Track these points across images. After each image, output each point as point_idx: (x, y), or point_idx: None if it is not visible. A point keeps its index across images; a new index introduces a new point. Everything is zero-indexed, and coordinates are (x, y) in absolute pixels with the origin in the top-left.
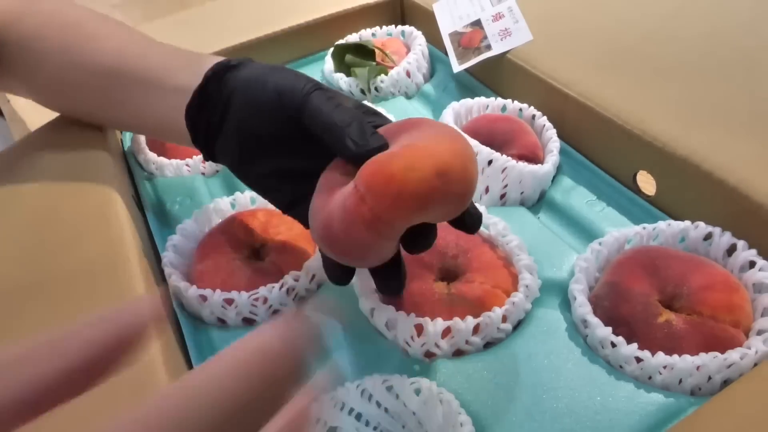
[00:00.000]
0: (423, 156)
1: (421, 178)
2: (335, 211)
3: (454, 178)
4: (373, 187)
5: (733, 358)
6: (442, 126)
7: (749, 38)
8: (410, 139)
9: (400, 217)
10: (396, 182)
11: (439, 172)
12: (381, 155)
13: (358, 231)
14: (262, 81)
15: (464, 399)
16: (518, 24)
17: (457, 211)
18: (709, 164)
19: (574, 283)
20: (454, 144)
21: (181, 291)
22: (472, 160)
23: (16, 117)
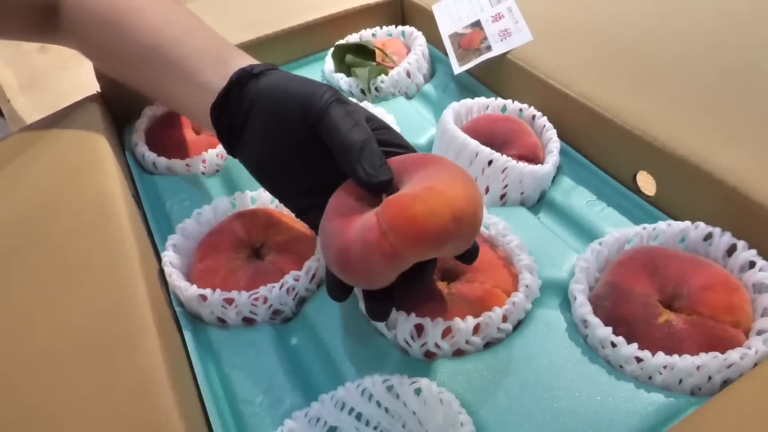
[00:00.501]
0: (442, 202)
1: (439, 223)
2: (355, 241)
3: (467, 222)
4: (396, 227)
5: (733, 358)
6: (455, 168)
7: (749, 38)
8: (427, 180)
9: (416, 255)
10: (417, 225)
11: (455, 217)
12: (405, 196)
13: (376, 262)
14: (282, 91)
15: (464, 399)
16: (518, 24)
17: (465, 249)
18: (709, 164)
19: (575, 283)
20: (468, 190)
21: (181, 290)
22: (481, 205)
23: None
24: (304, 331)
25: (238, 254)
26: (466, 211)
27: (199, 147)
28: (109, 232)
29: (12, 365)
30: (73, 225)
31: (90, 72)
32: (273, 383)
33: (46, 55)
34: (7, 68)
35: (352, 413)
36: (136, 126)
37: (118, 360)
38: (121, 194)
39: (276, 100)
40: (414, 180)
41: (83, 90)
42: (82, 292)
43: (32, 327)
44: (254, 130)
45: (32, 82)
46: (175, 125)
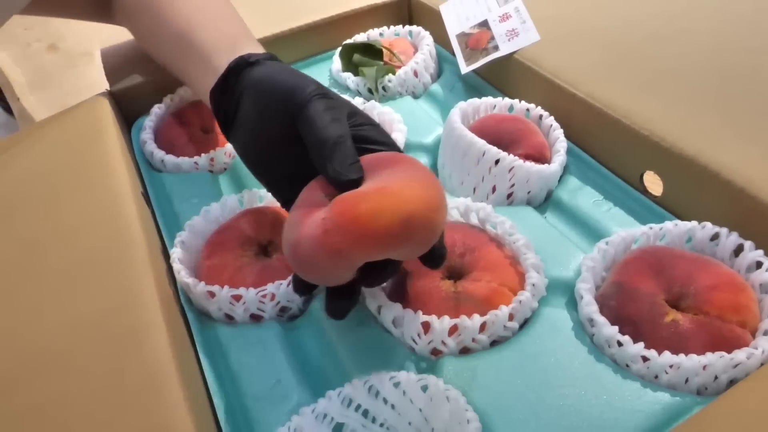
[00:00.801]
0: (390, 203)
1: (384, 225)
2: (304, 235)
3: (418, 227)
4: (339, 225)
5: (739, 357)
6: (419, 170)
7: (756, 38)
8: (385, 180)
9: (358, 256)
10: (360, 224)
11: (403, 221)
12: (353, 194)
13: (321, 259)
14: (269, 82)
15: (470, 396)
16: (525, 24)
17: (418, 255)
18: (716, 165)
19: (581, 282)
20: (426, 192)
21: (190, 287)
22: (438, 209)
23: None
24: (311, 327)
25: (245, 251)
26: (420, 215)
27: (208, 145)
28: (118, 229)
29: (21, 360)
30: (83, 222)
31: (99, 70)
32: (280, 379)
33: (55, 53)
34: (16, 67)
35: (359, 410)
36: (145, 124)
37: (127, 356)
38: (130, 192)
39: (263, 90)
40: (375, 179)
41: (92, 88)
42: (90, 288)
43: (41, 322)
44: (243, 117)
45: (41, 81)
46: (183, 123)
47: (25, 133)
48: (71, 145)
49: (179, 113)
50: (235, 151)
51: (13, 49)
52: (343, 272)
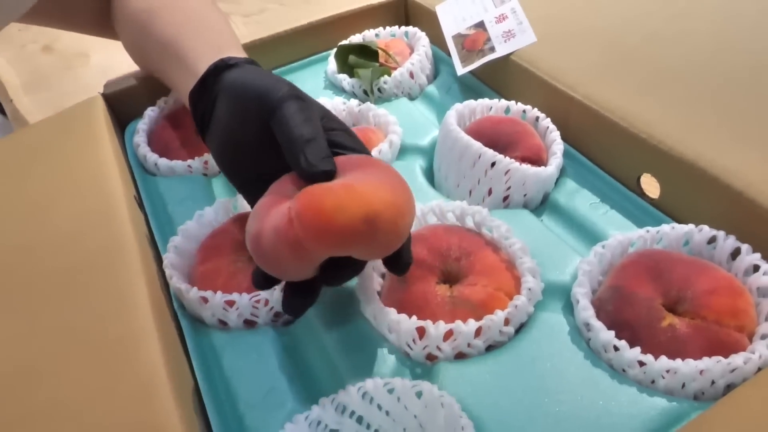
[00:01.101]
0: (355, 200)
1: (347, 221)
2: (268, 225)
3: (382, 227)
4: (302, 217)
5: (736, 362)
6: (390, 175)
7: (755, 41)
8: (354, 179)
9: (320, 249)
10: (323, 218)
11: (367, 219)
12: (319, 187)
13: (282, 251)
14: (243, 85)
15: (466, 402)
16: (522, 25)
17: (380, 256)
18: (713, 167)
19: (577, 286)
20: (392, 194)
21: (183, 292)
22: (405, 213)
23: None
24: (305, 333)
25: (239, 256)
26: (384, 216)
27: (201, 148)
28: (110, 233)
29: (14, 366)
30: (75, 226)
31: (93, 72)
32: (274, 386)
33: (50, 55)
34: (10, 68)
35: (353, 416)
36: (138, 127)
37: (119, 362)
38: (123, 195)
39: (237, 92)
40: (345, 177)
41: (86, 90)
42: (82, 293)
43: (33, 329)
44: (217, 118)
45: (36, 82)
46: (177, 126)
47: (17, 136)
48: (64, 148)
49: (173, 116)
50: None
51: (7, 51)
52: (304, 266)
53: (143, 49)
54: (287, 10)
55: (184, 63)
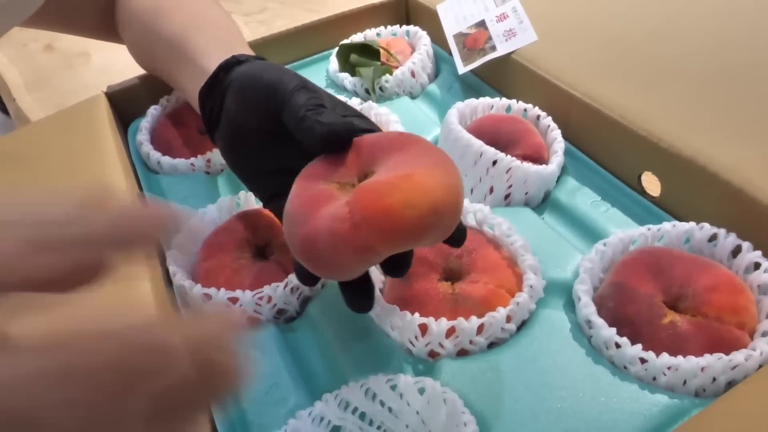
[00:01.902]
0: (421, 193)
1: (418, 216)
2: (322, 230)
3: (447, 213)
4: (371, 220)
5: (737, 359)
6: (435, 153)
7: (755, 38)
8: (405, 166)
9: (391, 249)
10: (394, 218)
11: (435, 209)
12: (378, 184)
13: (346, 255)
14: (254, 77)
15: (468, 399)
16: (523, 24)
17: (442, 239)
18: (714, 165)
19: (579, 283)
20: (449, 178)
21: (186, 289)
22: (461, 193)
23: (22, 115)
24: (308, 330)
25: (242, 254)
26: (447, 201)
27: (204, 146)
28: None
29: None
30: None
31: (94, 71)
32: (277, 382)
33: (52, 54)
34: (13, 67)
35: (355, 413)
36: (141, 125)
37: None
38: (126, 193)
39: (247, 85)
40: (389, 165)
41: (88, 89)
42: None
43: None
44: (227, 113)
45: (38, 81)
46: (179, 124)
47: (20, 134)
48: (67, 146)
49: (175, 114)
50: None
51: (9, 49)
52: (366, 267)
53: (148, 49)
54: (288, 10)
55: (192, 60)
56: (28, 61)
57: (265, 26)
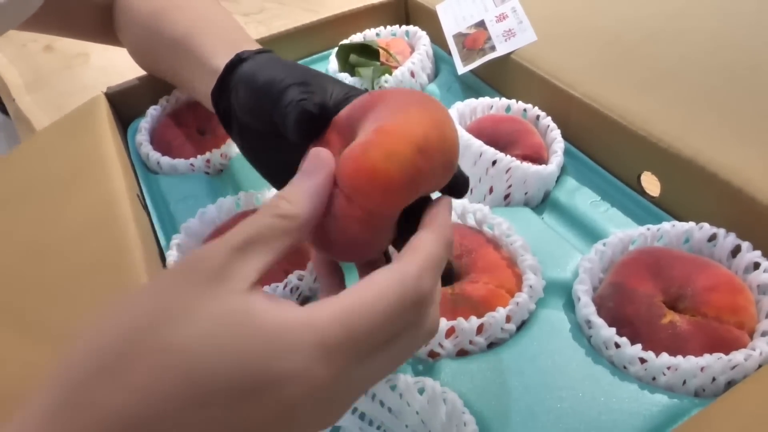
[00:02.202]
0: (398, 138)
1: (403, 162)
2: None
3: (436, 148)
4: (358, 186)
5: (737, 359)
6: (409, 95)
7: (755, 38)
8: (378, 120)
9: (392, 207)
10: (380, 175)
11: (420, 149)
12: (352, 149)
13: (353, 230)
14: (251, 78)
15: (468, 399)
16: (522, 24)
17: (447, 180)
18: (713, 165)
19: (579, 283)
20: (426, 111)
21: None
22: (447, 123)
23: (21, 115)
24: None
25: None
26: (431, 135)
27: (204, 146)
28: (114, 233)
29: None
30: (81, 228)
31: (93, 71)
32: None
33: (51, 54)
34: (12, 67)
35: (355, 413)
36: (141, 125)
37: None
38: (126, 195)
39: (245, 87)
40: (365, 127)
41: (87, 89)
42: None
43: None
44: (238, 113)
45: (37, 81)
46: (179, 125)
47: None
48: (70, 151)
49: (175, 114)
50: (230, 153)
51: (9, 50)
52: (382, 233)
53: (151, 51)
54: (287, 10)
55: (200, 61)
56: (27, 61)
57: (264, 26)
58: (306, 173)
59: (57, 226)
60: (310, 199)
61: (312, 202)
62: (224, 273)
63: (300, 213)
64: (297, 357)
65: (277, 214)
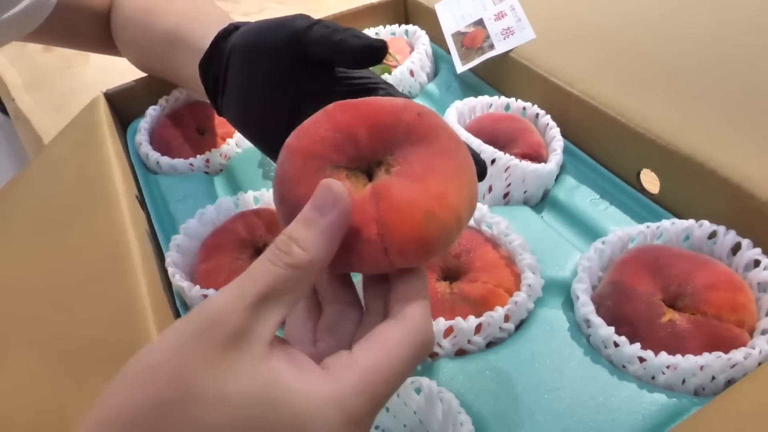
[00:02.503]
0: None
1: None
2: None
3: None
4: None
5: (736, 358)
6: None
7: (753, 35)
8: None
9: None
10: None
11: (460, 225)
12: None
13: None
14: (258, 28)
15: (466, 398)
16: (521, 22)
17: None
18: (713, 162)
19: (577, 282)
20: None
21: (185, 290)
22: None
23: (21, 115)
24: None
25: (241, 254)
26: (470, 211)
27: (203, 146)
28: (113, 234)
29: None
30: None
31: (93, 71)
32: None
33: (51, 54)
34: (12, 67)
35: None
36: (140, 126)
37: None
38: (125, 195)
39: (250, 39)
40: (412, 164)
41: (87, 88)
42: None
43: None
44: (232, 76)
45: (37, 81)
46: (178, 125)
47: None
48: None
49: (174, 115)
50: (230, 153)
51: (8, 50)
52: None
53: (144, 46)
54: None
55: (190, 44)
56: (27, 61)
57: None
58: (318, 209)
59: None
60: (324, 243)
61: (326, 246)
62: (243, 336)
63: (313, 259)
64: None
65: (290, 264)
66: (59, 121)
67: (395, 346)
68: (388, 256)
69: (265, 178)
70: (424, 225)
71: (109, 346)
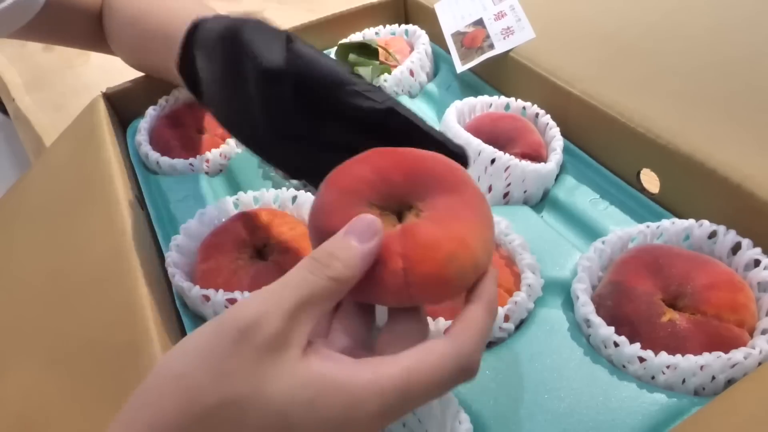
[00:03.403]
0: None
1: (464, 277)
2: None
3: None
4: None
5: (737, 357)
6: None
7: (753, 34)
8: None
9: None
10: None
11: (476, 271)
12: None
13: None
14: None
15: (466, 398)
16: (520, 22)
17: None
18: (713, 162)
19: (577, 282)
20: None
21: (185, 291)
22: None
23: (21, 115)
24: None
25: (240, 254)
26: (487, 259)
27: (203, 146)
28: (113, 235)
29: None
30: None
31: (93, 71)
32: None
33: (51, 54)
34: (12, 67)
35: None
36: (140, 126)
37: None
38: (125, 195)
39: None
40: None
41: (87, 88)
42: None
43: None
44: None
45: (37, 81)
46: (178, 125)
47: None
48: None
49: (174, 115)
50: (230, 153)
51: (8, 49)
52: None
53: (135, 44)
54: (287, 9)
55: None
56: (27, 61)
57: None
58: (359, 236)
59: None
60: (361, 266)
61: (361, 269)
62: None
63: (351, 277)
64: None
65: (331, 277)
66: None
67: (440, 357)
68: (408, 289)
69: (264, 179)
70: (445, 265)
71: (109, 347)
